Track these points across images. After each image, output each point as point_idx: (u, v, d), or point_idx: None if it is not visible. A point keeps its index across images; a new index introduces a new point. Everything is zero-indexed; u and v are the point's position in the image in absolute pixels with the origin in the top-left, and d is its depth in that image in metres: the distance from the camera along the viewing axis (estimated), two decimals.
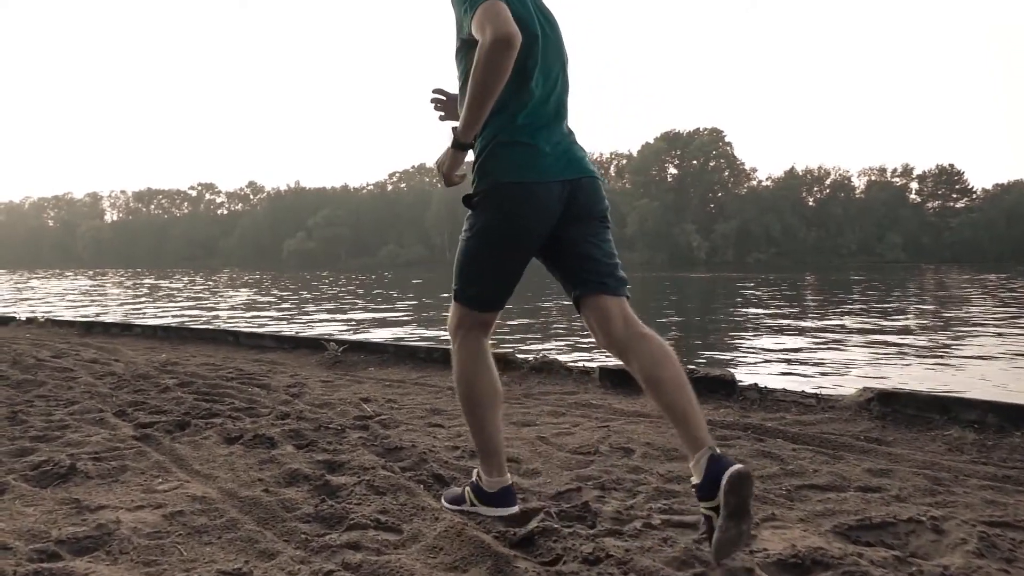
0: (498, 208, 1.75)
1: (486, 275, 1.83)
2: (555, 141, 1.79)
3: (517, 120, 1.76)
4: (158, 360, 5.10)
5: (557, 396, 3.70)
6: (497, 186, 1.74)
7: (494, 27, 1.54)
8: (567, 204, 1.77)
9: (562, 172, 1.76)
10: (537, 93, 1.78)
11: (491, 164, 1.76)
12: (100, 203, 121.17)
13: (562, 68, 1.87)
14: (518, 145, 1.75)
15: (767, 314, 13.99)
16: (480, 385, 1.89)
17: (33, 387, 4.01)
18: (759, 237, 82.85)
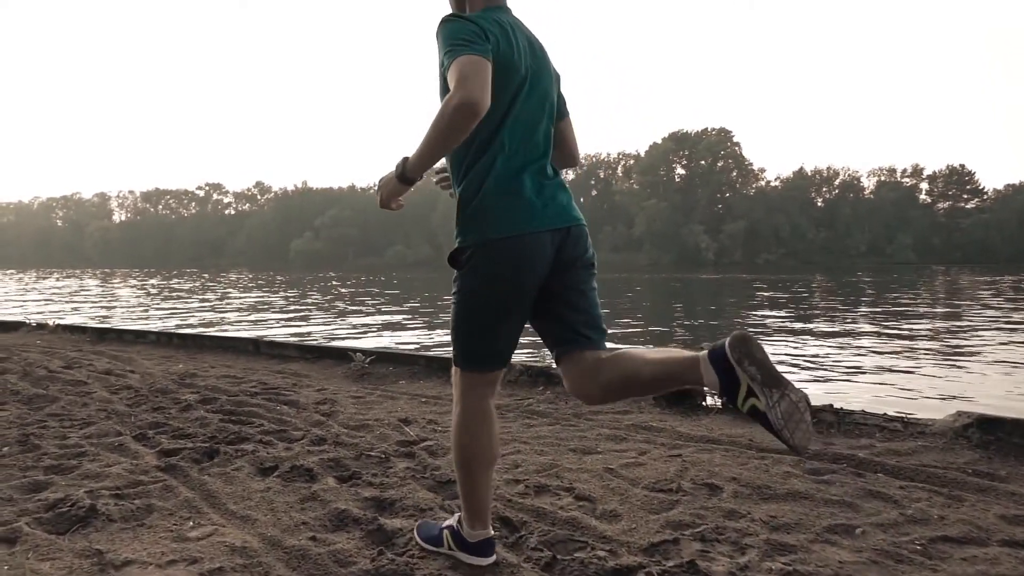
0: (492, 264, 1.64)
1: (488, 334, 1.70)
2: (543, 186, 1.70)
3: (503, 167, 1.65)
4: (175, 371, 4.83)
5: (611, 416, 3.41)
6: (488, 242, 1.63)
7: (464, 91, 1.45)
8: (558, 251, 1.69)
9: (552, 220, 1.67)
10: (524, 137, 1.69)
11: (479, 218, 1.65)
12: (108, 203, 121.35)
13: (550, 106, 1.77)
14: (506, 195, 1.65)
15: (785, 317, 13.66)
16: (479, 446, 1.75)
17: (45, 403, 3.74)
18: (768, 238, 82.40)
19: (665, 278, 40.03)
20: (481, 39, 1.54)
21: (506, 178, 1.65)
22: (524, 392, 4.02)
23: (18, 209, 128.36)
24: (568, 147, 1.90)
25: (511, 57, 1.63)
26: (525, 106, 1.68)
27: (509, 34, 1.66)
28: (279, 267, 75.47)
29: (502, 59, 1.59)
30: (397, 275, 46.31)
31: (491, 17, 1.66)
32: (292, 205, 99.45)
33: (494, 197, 1.64)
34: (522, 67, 1.66)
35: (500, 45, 1.60)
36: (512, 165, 1.66)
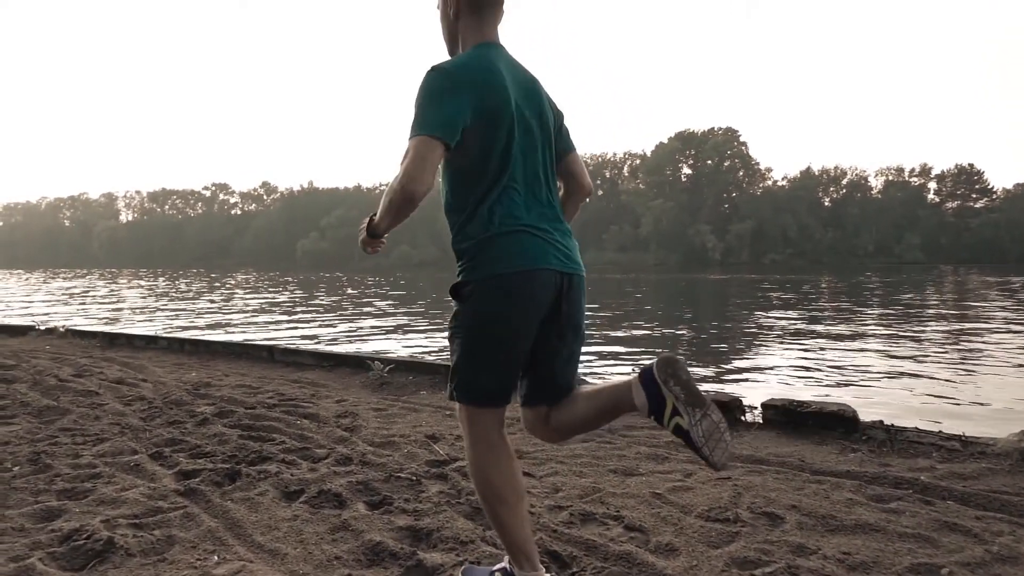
0: (497, 298, 1.60)
1: (493, 369, 1.64)
2: (549, 228, 1.68)
3: (508, 205, 1.64)
4: (189, 381, 4.69)
5: (647, 433, 3.25)
6: (494, 276, 1.60)
7: (406, 178, 1.52)
8: (558, 296, 1.66)
9: (557, 262, 1.66)
10: (525, 175, 1.68)
11: (485, 253, 1.62)
12: (115, 203, 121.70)
13: (546, 142, 1.74)
14: (513, 232, 1.63)
15: (796, 319, 13.45)
16: (500, 482, 1.67)
17: (56, 416, 3.61)
18: (775, 238, 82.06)
19: (671, 279, 39.78)
20: (448, 106, 1.56)
21: (512, 216, 1.63)
22: None
23: (26, 209, 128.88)
24: (577, 180, 1.88)
25: (492, 101, 1.62)
26: (522, 145, 1.67)
27: (491, 75, 1.64)
28: (286, 267, 75.50)
29: (485, 104, 1.60)
30: (403, 275, 46.21)
31: (475, 60, 1.66)
32: (298, 205, 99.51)
33: (501, 234, 1.62)
34: (509, 107, 1.64)
35: (477, 92, 1.60)
36: (517, 203, 1.65)
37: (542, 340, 1.67)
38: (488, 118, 1.60)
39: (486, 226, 1.62)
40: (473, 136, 1.60)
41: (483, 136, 1.61)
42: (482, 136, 1.61)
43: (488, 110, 1.60)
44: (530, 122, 1.69)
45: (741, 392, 6.30)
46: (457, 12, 1.74)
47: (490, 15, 1.74)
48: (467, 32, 1.74)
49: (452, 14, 1.75)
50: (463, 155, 1.62)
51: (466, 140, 1.60)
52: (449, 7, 1.76)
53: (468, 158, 1.63)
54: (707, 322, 13.72)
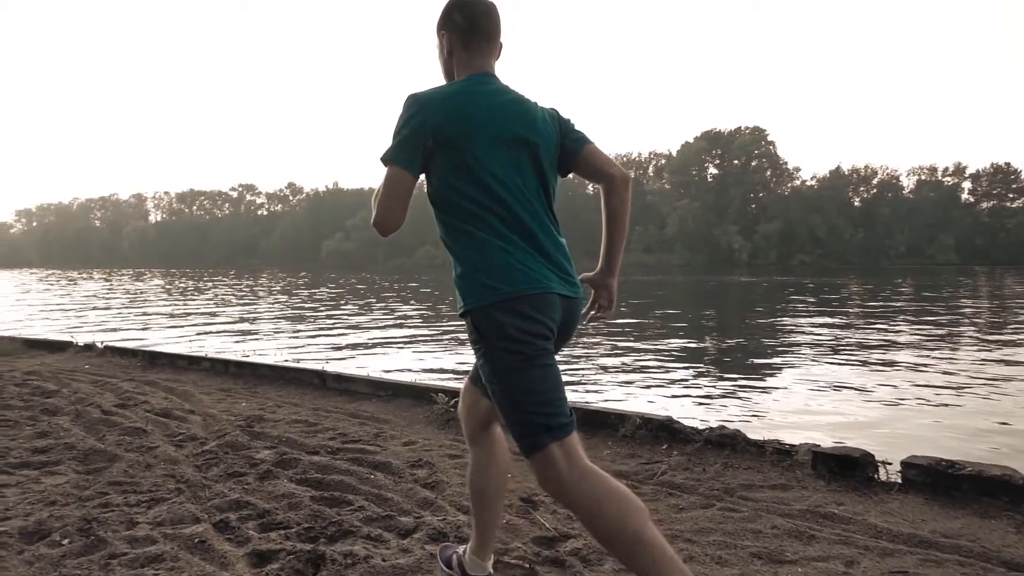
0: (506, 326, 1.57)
1: (543, 391, 1.58)
2: (550, 251, 1.68)
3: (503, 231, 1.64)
4: (239, 413, 4.36)
5: (771, 495, 2.83)
6: (495, 304, 1.59)
7: (376, 217, 1.64)
8: (561, 321, 1.66)
9: (558, 287, 1.65)
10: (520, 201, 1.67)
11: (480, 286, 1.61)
12: (145, 204, 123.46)
13: (535, 169, 1.72)
14: (511, 255, 1.62)
15: (844, 326, 12.87)
16: (623, 517, 1.51)
17: (104, 463, 3.28)
18: (803, 238, 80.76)
19: (698, 280, 39.03)
20: (414, 135, 1.63)
21: (504, 244, 1.63)
22: (647, 452, 3.45)
23: (59, 210, 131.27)
24: (605, 172, 1.80)
25: (462, 130, 1.63)
26: (509, 169, 1.66)
27: (468, 105, 1.66)
28: (311, 267, 75.81)
29: (455, 130, 1.63)
30: (429, 277, 46.00)
31: (452, 90, 1.70)
32: (323, 206, 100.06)
33: (496, 260, 1.61)
34: (482, 135, 1.64)
35: (445, 124, 1.63)
36: (508, 231, 1.64)
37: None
38: (457, 145, 1.62)
39: (478, 252, 1.63)
40: (444, 164, 1.64)
41: (455, 164, 1.64)
42: (454, 164, 1.64)
43: (455, 137, 1.62)
44: (514, 147, 1.68)
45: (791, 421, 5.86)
46: (451, 50, 1.80)
47: (485, 49, 1.78)
48: (460, 68, 1.79)
49: (446, 52, 1.81)
50: (440, 183, 1.66)
51: (436, 167, 1.65)
52: (444, 45, 1.81)
53: (444, 185, 1.66)
54: (739, 331, 13.16)
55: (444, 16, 1.81)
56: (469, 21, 1.77)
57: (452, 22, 1.78)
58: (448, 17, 1.80)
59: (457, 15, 1.78)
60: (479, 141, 1.64)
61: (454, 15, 1.79)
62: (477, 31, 1.77)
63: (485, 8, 1.79)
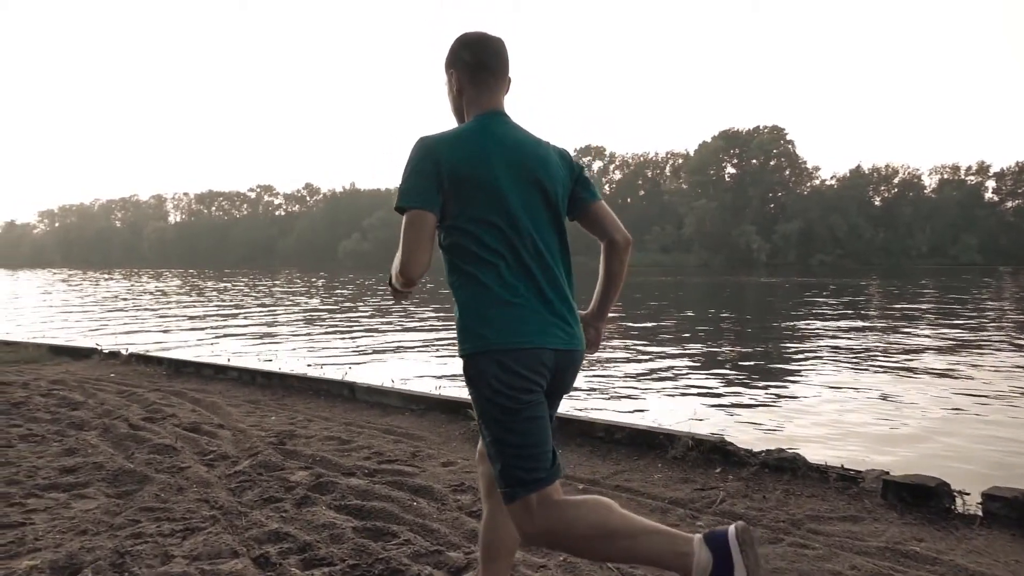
0: (500, 379, 1.58)
1: (527, 443, 1.59)
2: (551, 300, 1.66)
3: (507, 276, 1.63)
4: (270, 428, 4.23)
5: (843, 529, 2.64)
6: (490, 354, 1.58)
7: (401, 263, 1.61)
8: (554, 373, 1.65)
9: (554, 341, 1.63)
10: (526, 245, 1.66)
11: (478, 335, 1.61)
12: (164, 205, 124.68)
13: (545, 210, 1.71)
14: (509, 306, 1.61)
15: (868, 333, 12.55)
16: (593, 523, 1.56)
17: (134, 485, 3.15)
18: (823, 238, 79.84)
19: (717, 282, 38.59)
20: (426, 174, 1.61)
21: (507, 293, 1.62)
22: (701, 476, 3.27)
23: (80, 211, 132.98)
24: (610, 232, 1.84)
25: (473, 171, 1.62)
26: (517, 212, 1.65)
27: (479, 144, 1.66)
28: (328, 267, 76.09)
29: (465, 172, 1.62)
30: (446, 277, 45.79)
31: (460, 132, 1.69)
32: (340, 206, 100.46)
33: (497, 310, 1.61)
34: (492, 176, 1.63)
35: (457, 164, 1.62)
36: (513, 278, 1.63)
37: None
38: (469, 187, 1.61)
39: (479, 298, 1.62)
40: (456, 206, 1.62)
41: (467, 206, 1.62)
42: (465, 206, 1.62)
43: (468, 180, 1.61)
44: (525, 188, 1.67)
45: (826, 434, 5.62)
46: (460, 88, 1.78)
47: (494, 87, 1.76)
48: (470, 106, 1.77)
49: (456, 90, 1.80)
50: (451, 225, 1.64)
51: (449, 210, 1.63)
52: (453, 83, 1.80)
53: (455, 228, 1.64)
54: (761, 335, 12.87)
55: (452, 54, 1.79)
56: (478, 59, 1.75)
57: (460, 60, 1.77)
58: (456, 55, 1.78)
59: (465, 53, 1.76)
60: (494, 182, 1.64)
61: (462, 53, 1.77)
62: (486, 69, 1.75)
63: (494, 46, 1.77)
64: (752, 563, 1.47)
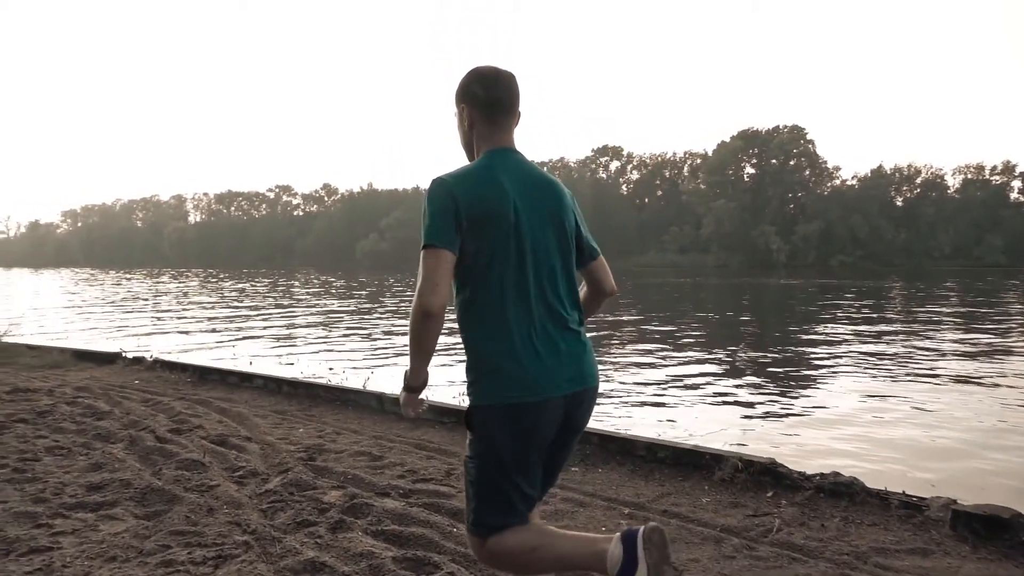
0: (504, 428, 1.63)
1: (506, 497, 1.69)
2: (559, 341, 1.68)
3: (515, 324, 1.64)
4: (298, 442, 4.12)
5: (912, 564, 2.47)
6: (498, 406, 1.63)
7: (419, 299, 1.58)
8: (565, 416, 1.69)
9: (560, 387, 1.66)
10: (535, 286, 1.67)
11: (490, 379, 1.64)
12: (184, 205, 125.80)
13: (557, 249, 1.73)
14: (517, 357, 1.62)
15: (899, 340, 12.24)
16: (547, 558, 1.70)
17: (163, 505, 3.05)
18: (843, 239, 78.79)
19: (737, 283, 38.14)
20: (448, 212, 1.61)
21: (517, 336, 1.63)
22: (751, 501, 3.11)
23: (102, 211, 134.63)
24: (603, 285, 1.90)
25: (491, 209, 1.63)
26: (529, 250, 1.66)
27: (493, 183, 1.66)
28: (346, 267, 76.42)
29: (479, 215, 1.62)
30: None
31: (476, 170, 1.70)
32: (358, 206, 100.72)
33: (505, 358, 1.62)
34: (508, 214, 1.65)
35: (476, 202, 1.63)
36: (517, 319, 1.64)
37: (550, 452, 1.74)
38: (484, 227, 1.61)
39: (489, 342, 1.64)
40: (473, 244, 1.63)
41: (483, 244, 1.63)
42: (482, 244, 1.63)
43: (484, 218, 1.62)
44: (538, 226, 1.69)
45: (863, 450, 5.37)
46: (471, 123, 1.78)
47: (505, 124, 1.76)
48: (481, 141, 1.77)
49: (467, 125, 1.79)
50: (463, 265, 1.64)
51: (465, 249, 1.63)
52: (464, 118, 1.79)
53: (468, 268, 1.65)
54: (785, 339, 12.60)
55: (463, 89, 1.79)
56: (490, 95, 1.75)
57: (472, 95, 1.77)
58: (468, 90, 1.77)
59: (478, 88, 1.76)
60: (511, 221, 1.65)
61: (474, 88, 1.76)
62: (498, 105, 1.76)
63: (505, 81, 1.77)
64: (655, 561, 1.54)
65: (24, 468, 3.58)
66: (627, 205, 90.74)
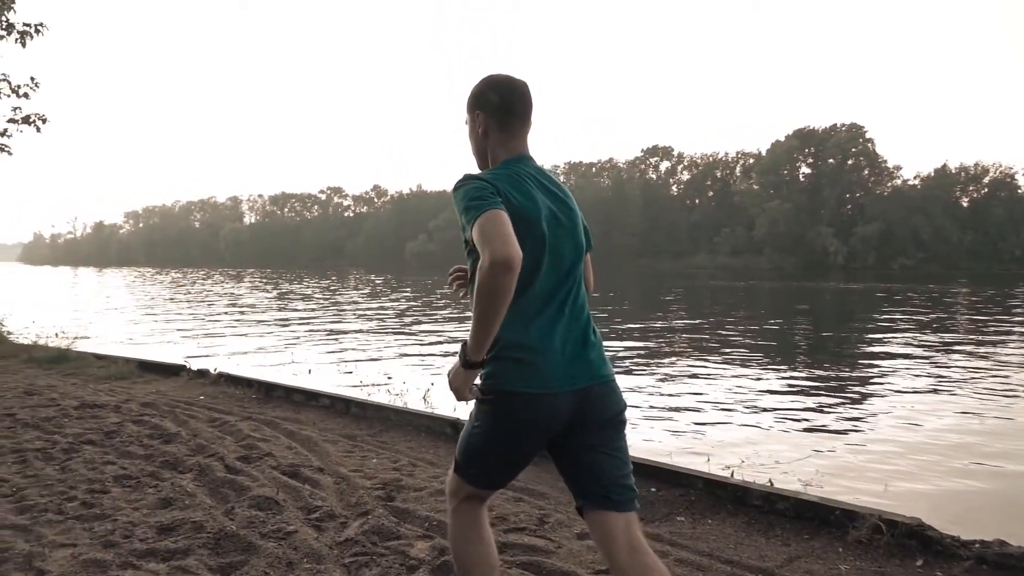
0: (504, 416, 1.70)
1: (490, 465, 1.80)
2: (568, 342, 1.70)
3: (524, 324, 1.67)
4: (374, 476, 3.85)
5: None
6: (503, 394, 1.68)
7: (492, 250, 1.50)
8: (576, 411, 1.70)
9: (573, 380, 1.69)
10: (551, 285, 1.71)
11: (497, 369, 1.68)
12: (240, 206, 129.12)
13: (576, 253, 1.77)
14: (526, 351, 1.66)
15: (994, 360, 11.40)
16: (470, 555, 1.85)
17: (238, 555, 2.80)
18: (905, 241, 75.86)
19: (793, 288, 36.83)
20: (493, 195, 1.60)
21: (528, 334, 1.66)
22: (899, 570, 2.69)
23: (162, 212, 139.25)
24: (587, 278, 1.90)
25: (526, 210, 1.66)
26: (550, 255, 1.69)
27: (524, 186, 1.69)
28: (396, 268, 77.15)
29: (517, 213, 1.61)
30: None
31: (505, 173, 1.71)
32: (407, 207, 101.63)
33: (517, 349, 1.66)
34: (540, 217, 1.68)
35: (513, 200, 1.64)
36: (539, 317, 1.68)
37: (573, 447, 1.73)
38: (517, 225, 1.58)
39: (502, 337, 1.63)
40: None
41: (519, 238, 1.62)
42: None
43: (521, 219, 1.61)
44: (563, 230, 1.73)
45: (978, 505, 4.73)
46: (486, 130, 1.80)
47: (519, 132, 1.79)
48: (497, 148, 1.80)
49: (481, 132, 1.81)
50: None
51: None
52: (478, 125, 1.81)
53: None
54: (855, 353, 11.86)
55: (478, 95, 1.80)
56: (506, 103, 1.77)
57: (487, 102, 1.78)
58: (483, 97, 1.79)
59: (492, 95, 1.78)
60: (540, 224, 1.67)
61: (489, 95, 1.78)
62: (513, 113, 1.78)
63: (520, 90, 1.79)
64: None
65: (93, 502, 3.40)
66: (677, 206, 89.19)
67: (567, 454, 1.76)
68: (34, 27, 9.22)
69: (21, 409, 5.45)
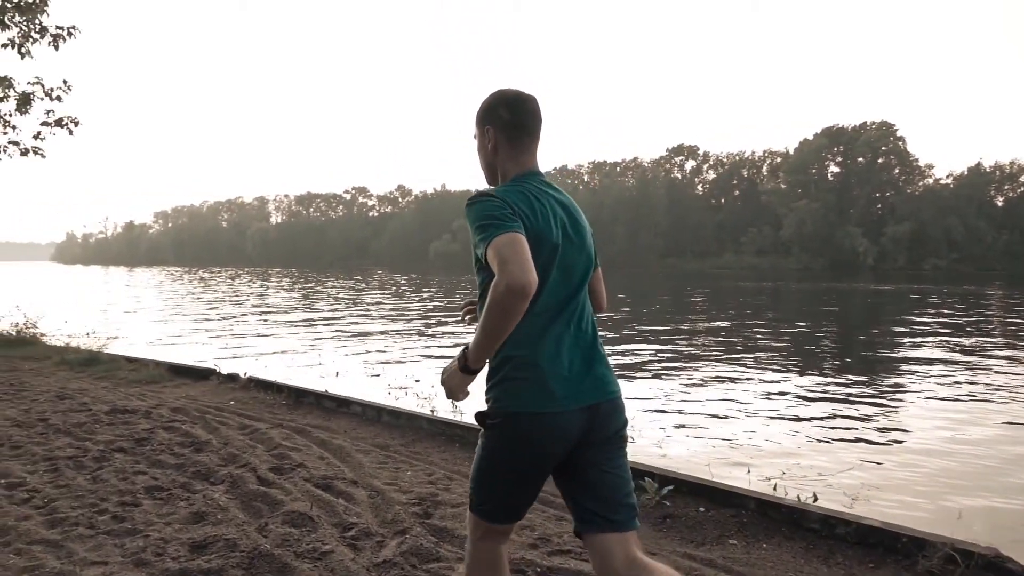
0: (513, 438, 1.66)
1: (501, 494, 1.74)
2: (575, 359, 1.69)
3: (538, 337, 1.66)
4: (410, 491, 3.72)
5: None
6: (510, 415, 1.65)
7: (510, 275, 1.48)
8: (585, 429, 1.67)
9: (580, 398, 1.67)
10: (560, 302, 1.70)
11: (504, 390, 1.66)
12: (266, 206, 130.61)
13: (585, 269, 1.76)
14: (537, 368, 1.64)
15: None
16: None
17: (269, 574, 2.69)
18: (937, 241, 74.26)
19: (823, 289, 36.14)
20: (511, 215, 1.58)
21: (540, 349, 1.65)
22: None
23: (191, 212, 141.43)
24: (597, 297, 1.90)
25: (539, 226, 1.64)
26: (560, 271, 1.69)
27: (536, 202, 1.68)
28: (419, 268, 77.36)
29: (529, 231, 1.60)
30: None
31: (517, 189, 1.69)
32: (431, 207, 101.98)
33: (525, 368, 1.64)
34: (552, 233, 1.67)
35: (527, 217, 1.62)
36: (547, 334, 1.66)
37: (579, 464, 1.70)
38: (532, 244, 1.57)
39: (509, 355, 1.64)
40: None
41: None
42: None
43: (533, 236, 1.60)
44: (569, 247, 1.71)
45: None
46: (495, 146, 1.79)
47: (529, 148, 1.78)
48: (507, 164, 1.78)
49: (490, 148, 1.79)
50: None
51: None
52: (487, 140, 1.80)
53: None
54: (892, 359, 11.49)
55: (487, 110, 1.79)
56: (516, 118, 1.76)
57: (498, 118, 1.77)
58: (493, 112, 1.78)
59: (503, 111, 1.77)
60: (554, 240, 1.66)
61: (499, 110, 1.77)
62: (523, 129, 1.77)
63: (531, 105, 1.78)
64: None
65: (124, 516, 3.32)
66: (703, 205, 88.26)
67: (571, 473, 1.72)
68: (67, 30, 9.27)
69: (54, 414, 5.43)
